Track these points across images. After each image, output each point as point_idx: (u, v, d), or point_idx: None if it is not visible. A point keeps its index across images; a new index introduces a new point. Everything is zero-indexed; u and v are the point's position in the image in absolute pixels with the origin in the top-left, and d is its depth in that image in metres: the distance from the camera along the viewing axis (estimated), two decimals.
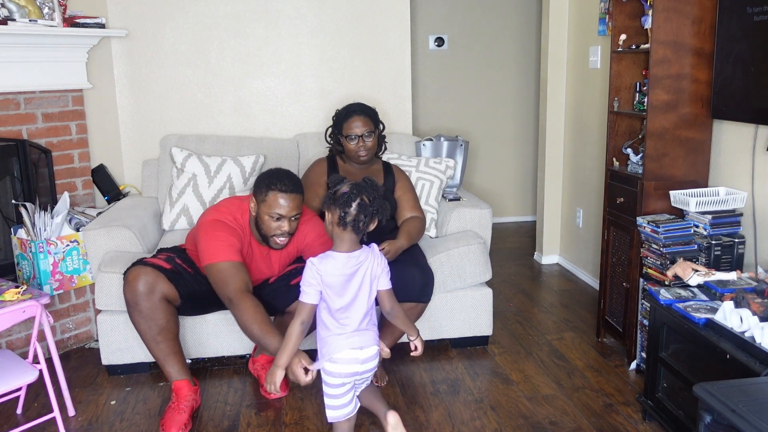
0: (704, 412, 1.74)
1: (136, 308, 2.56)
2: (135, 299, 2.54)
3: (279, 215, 2.44)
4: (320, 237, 2.68)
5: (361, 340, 2.11)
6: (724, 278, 2.44)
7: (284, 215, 2.44)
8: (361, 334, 2.12)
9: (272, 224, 2.46)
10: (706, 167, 2.89)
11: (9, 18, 2.97)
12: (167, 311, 2.59)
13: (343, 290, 2.09)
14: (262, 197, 2.46)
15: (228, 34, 3.76)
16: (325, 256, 2.09)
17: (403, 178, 3.18)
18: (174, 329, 2.64)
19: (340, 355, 2.09)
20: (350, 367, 2.11)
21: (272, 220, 2.45)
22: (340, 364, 2.10)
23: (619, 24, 3.03)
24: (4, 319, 2.32)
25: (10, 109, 3.12)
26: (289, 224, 2.47)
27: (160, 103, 3.76)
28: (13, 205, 3.16)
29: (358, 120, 3.02)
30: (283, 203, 2.42)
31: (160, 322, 2.58)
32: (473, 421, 2.58)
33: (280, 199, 2.42)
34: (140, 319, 2.57)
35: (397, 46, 3.92)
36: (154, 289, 2.54)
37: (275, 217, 2.44)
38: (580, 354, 3.15)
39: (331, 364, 2.10)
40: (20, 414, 2.67)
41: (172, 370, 2.62)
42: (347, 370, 2.11)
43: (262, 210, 2.47)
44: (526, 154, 5.59)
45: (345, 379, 2.12)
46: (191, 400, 2.60)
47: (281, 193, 2.42)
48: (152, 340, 2.59)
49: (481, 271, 3.11)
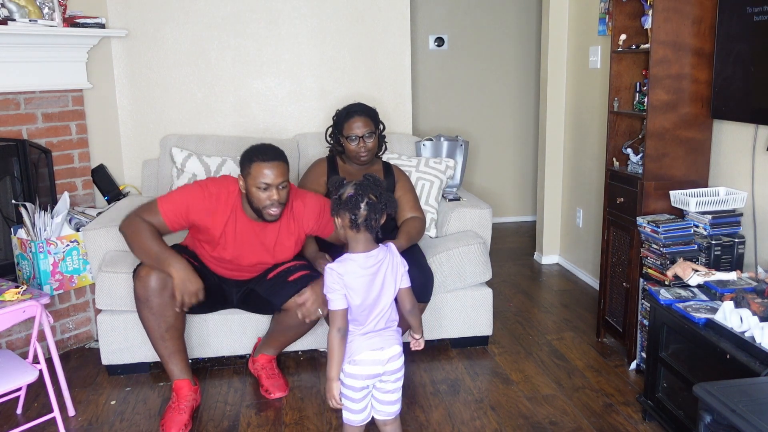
0: (704, 412, 1.74)
1: (146, 305, 2.55)
2: (147, 295, 2.54)
3: (266, 184, 2.47)
4: (321, 217, 2.71)
5: (381, 341, 2.08)
6: (724, 278, 2.44)
7: (270, 183, 2.48)
8: (381, 335, 2.09)
9: (262, 196, 2.49)
10: (706, 167, 2.89)
11: (9, 18, 2.97)
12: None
13: (367, 291, 2.05)
14: (247, 171, 2.51)
15: (228, 34, 3.76)
16: (344, 259, 2.07)
17: (403, 178, 3.18)
18: (181, 327, 2.65)
19: (361, 357, 2.05)
20: (372, 368, 2.06)
21: (260, 192, 2.49)
22: (361, 366, 2.06)
23: (619, 24, 3.03)
24: (4, 319, 2.32)
25: (10, 109, 3.12)
26: (277, 193, 2.50)
27: (160, 103, 3.76)
28: (13, 205, 3.16)
29: (358, 120, 3.02)
30: (267, 173, 2.47)
31: (169, 320, 2.58)
32: (473, 421, 2.58)
33: (263, 169, 2.47)
34: (150, 316, 2.57)
35: (397, 46, 3.92)
36: (166, 285, 2.54)
37: (263, 188, 2.48)
38: (580, 354, 3.15)
39: (353, 366, 2.06)
40: (20, 414, 2.67)
41: (175, 368, 2.62)
42: (369, 372, 2.06)
43: (249, 184, 2.50)
44: (526, 154, 5.59)
45: (367, 381, 2.08)
46: (191, 399, 2.60)
47: (264, 163, 2.47)
48: (159, 337, 2.59)
49: (481, 271, 3.11)
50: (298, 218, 2.68)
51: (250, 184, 2.50)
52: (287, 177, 2.54)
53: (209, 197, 2.58)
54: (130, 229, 2.54)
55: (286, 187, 2.54)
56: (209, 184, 2.63)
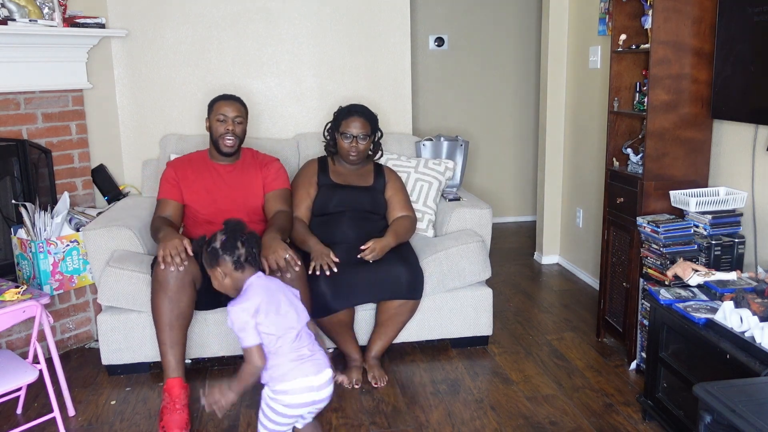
0: (704, 412, 1.74)
1: (164, 287, 2.57)
2: (166, 277, 2.57)
3: (223, 116, 2.96)
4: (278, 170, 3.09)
5: (313, 366, 2.01)
6: (724, 278, 2.44)
7: (227, 115, 2.96)
8: (312, 360, 2.02)
9: (220, 127, 2.96)
10: (706, 167, 2.89)
11: (9, 18, 2.97)
12: (191, 296, 2.63)
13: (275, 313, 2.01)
14: (210, 110, 3.01)
15: (228, 34, 3.76)
16: (243, 293, 2.05)
17: (393, 177, 3.20)
18: (189, 317, 2.66)
19: (292, 384, 1.98)
20: (304, 396, 1.99)
21: (219, 124, 2.96)
22: (292, 395, 1.98)
23: (619, 24, 3.03)
24: (4, 319, 2.32)
25: (10, 109, 3.12)
26: (233, 124, 2.96)
27: (160, 103, 3.76)
28: (13, 205, 3.16)
29: (357, 120, 3.05)
30: (224, 107, 2.97)
31: (182, 306, 2.60)
32: (473, 421, 2.59)
33: (222, 105, 2.98)
34: (165, 300, 2.58)
35: (397, 46, 3.92)
36: (187, 269, 2.59)
37: (221, 119, 2.96)
38: (580, 354, 3.15)
39: (281, 395, 1.98)
40: (20, 414, 2.67)
41: (173, 360, 2.60)
42: (302, 400, 1.99)
43: (212, 120, 2.99)
44: (526, 154, 5.59)
45: (300, 410, 2.01)
46: (184, 397, 2.59)
47: (223, 101, 3.01)
48: (168, 324, 2.59)
49: (480, 269, 3.11)
50: (261, 163, 3.08)
51: (212, 119, 2.98)
52: (243, 116, 3.02)
53: (180, 160, 3.09)
54: (151, 228, 2.92)
55: (241, 123, 3.00)
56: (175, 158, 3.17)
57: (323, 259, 2.77)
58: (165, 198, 2.99)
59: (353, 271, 2.83)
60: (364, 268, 2.85)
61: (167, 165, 3.09)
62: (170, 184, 3.00)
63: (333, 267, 2.76)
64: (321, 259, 2.78)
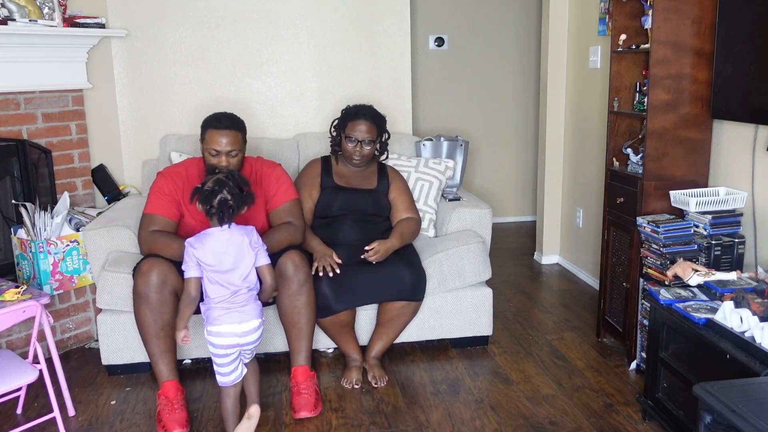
0: (704, 412, 1.74)
1: (146, 300, 2.56)
2: (146, 291, 2.55)
3: (216, 151, 2.65)
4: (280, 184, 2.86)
5: (240, 315, 2.32)
6: (724, 278, 2.44)
7: (220, 150, 2.65)
8: (240, 310, 2.32)
9: (212, 160, 2.67)
10: (706, 167, 2.89)
11: (9, 18, 2.97)
12: (174, 307, 2.59)
13: (220, 259, 2.28)
14: (202, 137, 2.72)
15: (228, 34, 3.76)
16: (201, 235, 2.31)
17: (397, 179, 3.18)
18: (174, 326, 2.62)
19: (220, 328, 2.30)
20: (229, 339, 2.31)
21: (211, 157, 2.67)
22: (220, 337, 2.31)
23: (619, 24, 3.03)
24: (4, 319, 2.32)
25: (10, 109, 3.12)
26: (227, 160, 2.66)
27: (160, 103, 3.76)
28: (13, 205, 3.16)
29: (363, 125, 3.03)
30: (217, 140, 2.64)
31: (166, 317, 2.58)
32: (473, 421, 2.59)
33: (215, 136, 2.65)
34: (147, 312, 2.57)
35: (397, 46, 3.92)
36: (166, 281, 2.56)
37: (213, 154, 2.66)
38: (580, 354, 3.15)
39: (212, 336, 2.31)
40: (20, 414, 2.67)
41: (165, 368, 2.60)
42: (228, 342, 2.31)
43: (203, 148, 2.71)
44: (526, 154, 5.59)
45: (228, 350, 2.33)
46: (181, 398, 2.58)
47: (216, 131, 2.65)
48: (154, 335, 2.58)
49: (480, 270, 3.11)
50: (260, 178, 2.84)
51: (205, 149, 2.69)
52: (239, 146, 2.70)
53: (175, 171, 2.80)
54: (151, 246, 2.67)
55: (236, 155, 2.69)
56: (167, 168, 2.86)
57: (326, 260, 2.77)
58: (157, 214, 2.69)
59: (356, 272, 2.83)
60: (367, 270, 2.85)
61: (158, 175, 2.80)
62: (165, 198, 2.71)
63: (336, 268, 2.76)
64: (324, 260, 2.78)
